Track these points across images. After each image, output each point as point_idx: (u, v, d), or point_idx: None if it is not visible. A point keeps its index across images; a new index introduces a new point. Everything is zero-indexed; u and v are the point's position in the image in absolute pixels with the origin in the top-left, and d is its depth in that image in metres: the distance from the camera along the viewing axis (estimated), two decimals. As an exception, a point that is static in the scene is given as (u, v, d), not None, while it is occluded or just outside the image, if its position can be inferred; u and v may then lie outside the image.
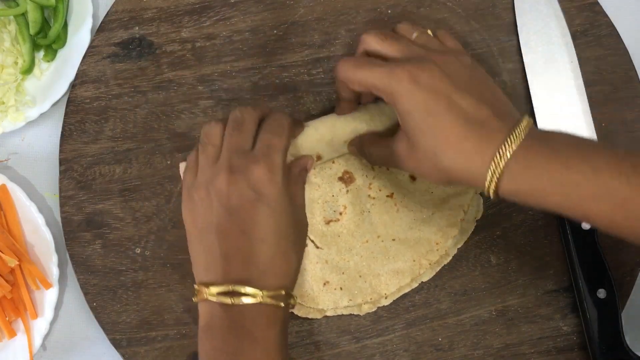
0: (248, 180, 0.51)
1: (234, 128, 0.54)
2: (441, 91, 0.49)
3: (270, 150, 0.52)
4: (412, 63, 0.50)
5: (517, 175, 0.46)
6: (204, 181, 0.52)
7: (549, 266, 0.62)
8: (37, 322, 0.61)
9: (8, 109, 0.64)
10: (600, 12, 0.65)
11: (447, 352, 0.61)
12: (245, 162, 0.51)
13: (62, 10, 0.64)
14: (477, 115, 0.48)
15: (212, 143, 0.54)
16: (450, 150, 0.48)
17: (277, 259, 0.51)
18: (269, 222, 0.51)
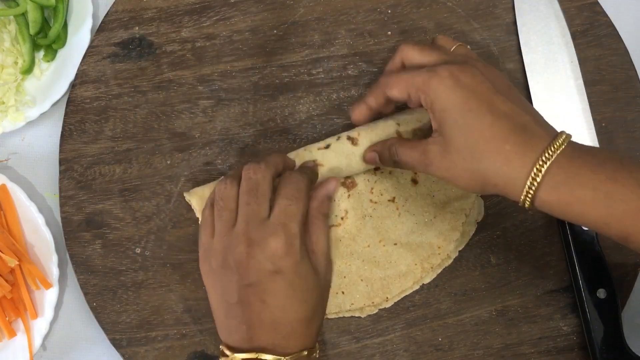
0: (265, 253, 0.50)
1: (248, 194, 0.52)
2: (482, 92, 0.48)
3: (287, 219, 0.51)
4: (453, 64, 0.50)
5: (559, 184, 0.45)
6: (221, 248, 0.52)
7: (549, 266, 0.62)
8: (37, 322, 0.61)
9: (8, 109, 0.64)
10: (600, 12, 0.65)
11: (447, 352, 0.61)
12: (262, 233, 0.50)
13: (62, 10, 0.64)
14: (519, 120, 0.47)
15: (228, 208, 0.52)
16: (489, 150, 0.47)
17: (298, 324, 0.51)
18: (287, 293, 0.50)
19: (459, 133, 0.48)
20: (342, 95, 0.64)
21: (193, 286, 0.61)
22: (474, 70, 0.49)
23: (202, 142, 0.63)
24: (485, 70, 0.50)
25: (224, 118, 0.63)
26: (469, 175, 0.48)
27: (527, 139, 0.47)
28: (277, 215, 0.51)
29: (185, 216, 0.62)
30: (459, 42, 0.55)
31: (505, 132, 0.47)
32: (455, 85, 0.48)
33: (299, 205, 0.52)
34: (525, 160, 0.46)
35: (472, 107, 0.48)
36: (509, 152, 0.47)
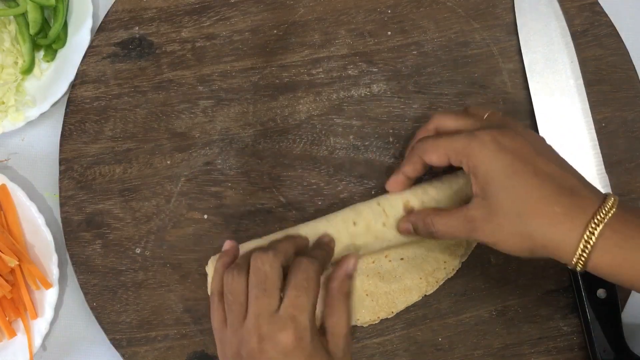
0: (276, 348, 0.49)
1: (257, 287, 0.51)
2: (525, 154, 0.48)
3: (297, 311, 0.50)
4: (495, 129, 0.49)
5: (613, 247, 0.45)
6: (236, 342, 0.51)
7: (549, 266, 0.62)
8: (37, 322, 0.61)
9: (8, 109, 0.64)
10: (600, 12, 0.65)
11: (447, 352, 0.61)
12: (273, 327, 0.49)
13: (62, 10, 0.64)
14: (565, 182, 0.47)
15: (237, 302, 0.51)
16: (538, 212, 0.46)
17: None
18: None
19: (505, 196, 0.47)
20: (342, 95, 0.64)
21: (193, 286, 0.61)
22: (514, 133, 0.49)
23: (202, 142, 0.63)
24: (524, 132, 0.50)
25: (224, 118, 0.63)
26: (517, 239, 0.48)
27: (576, 201, 0.46)
28: (287, 308, 0.50)
29: (185, 216, 0.62)
30: (490, 109, 0.54)
31: (553, 193, 0.46)
32: (498, 149, 0.48)
33: (309, 295, 0.50)
34: (576, 223, 0.46)
35: (517, 170, 0.47)
36: (559, 214, 0.46)
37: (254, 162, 0.63)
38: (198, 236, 0.62)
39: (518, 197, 0.47)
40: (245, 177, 0.63)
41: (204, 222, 0.62)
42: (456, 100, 0.63)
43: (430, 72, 0.64)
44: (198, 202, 0.62)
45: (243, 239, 0.61)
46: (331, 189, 0.62)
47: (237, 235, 0.62)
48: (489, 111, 0.54)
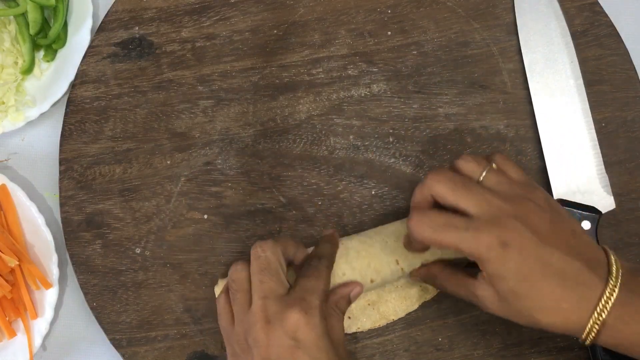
0: (284, 328, 0.48)
1: (261, 272, 0.51)
2: (531, 251, 0.48)
3: (306, 293, 0.50)
4: (496, 226, 0.48)
5: (617, 331, 0.47)
6: (242, 332, 0.50)
7: (549, 266, 0.62)
8: (37, 322, 0.61)
9: (8, 109, 0.64)
10: (600, 12, 0.65)
11: (447, 352, 0.61)
12: (280, 307, 0.49)
13: (62, 10, 0.64)
14: (570, 271, 0.48)
15: (241, 289, 0.52)
16: (547, 311, 0.48)
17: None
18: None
19: (515, 299, 0.48)
20: (342, 95, 0.64)
21: (193, 286, 0.61)
22: (517, 224, 0.48)
23: (202, 142, 0.63)
24: (525, 214, 0.49)
25: (224, 118, 0.63)
26: (530, 325, 0.49)
27: (581, 292, 0.47)
28: (297, 291, 0.50)
29: (185, 216, 0.62)
30: (483, 161, 0.52)
31: (560, 292, 0.47)
32: (505, 254, 0.47)
33: (318, 281, 0.51)
34: (582, 315, 0.47)
35: (525, 275, 0.47)
36: (567, 310, 0.47)
37: (254, 162, 0.63)
38: (198, 236, 0.62)
39: (529, 299, 0.48)
40: (245, 177, 0.63)
41: (204, 222, 0.62)
42: (456, 100, 0.63)
43: (430, 72, 0.64)
44: (198, 202, 0.62)
45: (243, 239, 0.61)
46: (331, 189, 0.62)
47: (237, 235, 0.62)
48: (483, 168, 0.51)
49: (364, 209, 0.62)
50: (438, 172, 0.51)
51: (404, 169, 0.63)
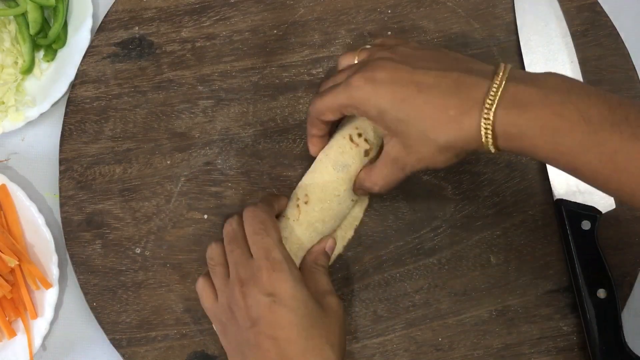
0: (259, 287, 0.50)
1: (230, 243, 0.54)
2: (402, 77, 0.48)
3: (266, 251, 0.52)
4: (362, 67, 0.50)
5: (509, 126, 0.45)
6: (225, 302, 0.52)
7: (549, 266, 0.62)
8: (37, 322, 0.61)
9: (8, 109, 0.64)
10: (600, 12, 0.65)
11: (447, 352, 0.61)
12: (251, 270, 0.51)
13: (62, 10, 0.64)
14: (447, 82, 0.47)
15: (218, 263, 0.54)
16: (438, 125, 0.47)
17: (309, 355, 0.49)
18: (290, 320, 0.49)
19: (405, 126, 0.48)
20: (342, 95, 0.63)
21: (193, 286, 0.61)
22: (382, 61, 0.49)
23: (202, 142, 0.63)
24: (393, 52, 0.50)
25: (224, 118, 0.63)
26: (439, 155, 0.49)
27: (465, 94, 0.46)
28: (256, 251, 0.52)
29: (185, 216, 0.62)
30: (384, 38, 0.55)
31: (441, 100, 0.47)
32: (376, 87, 0.48)
33: (269, 233, 0.53)
34: (472, 116, 0.46)
35: (402, 96, 0.48)
36: (455, 117, 0.46)
37: (254, 162, 0.63)
38: (198, 236, 0.62)
39: (415, 120, 0.48)
40: (245, 177, 0.63)
41: (204, 222, 0.62)
42: (456, 100, 0.63)
43: (430, 72, 0.64)
44: (198, 202, 0.62)
45: (243, 239, 0.61)
46: (331, 189, 0.62)
47: (237, 235, 0.62)
48: (379, 40, 0.55)
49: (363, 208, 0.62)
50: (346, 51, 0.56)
51: (404, 169, 0.63)
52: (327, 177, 0.56)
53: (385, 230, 0.62)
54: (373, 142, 0.57)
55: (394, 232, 0.62)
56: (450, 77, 0.47)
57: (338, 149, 0.57)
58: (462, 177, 0.63)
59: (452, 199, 0.62)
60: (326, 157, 0.57)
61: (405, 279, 0.62)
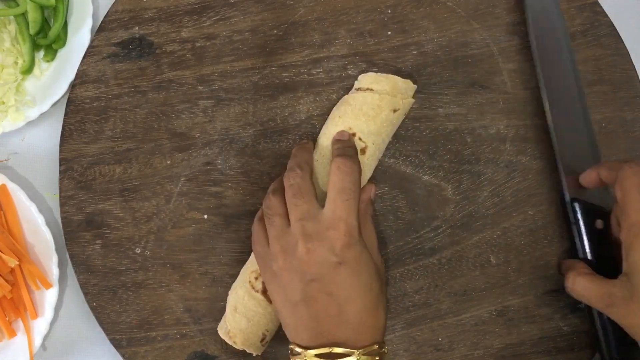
0: (326, 246, 0.51)
1: (294, 196, 0.53)
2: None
3: (346, 213, 0.51)
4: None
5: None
6: (279, 251, 0.52)
7: (549, 266, 0.62)
8: (37, 322, 0.61)
9: (8, 109, 0.64)
10: (600, 12, 0.65)
11: (447, 352, 0.61)
12: (320, 228, 0.51)
13: (62, 10, 0.64)
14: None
15: (277, 214, 0.53)
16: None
17: (365, 315, 0.51)
18: (352, 282, 0.51)
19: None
20: (342, 95, 0.63)
21: (193, 286, 0.61)
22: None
23: (202, 142, 0.63)
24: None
25: (224, 118, 0.63)
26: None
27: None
28: (334, 210, 0.52)
29: (185, 216, 0.62)
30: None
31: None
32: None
33: (355, 198, 0.52)
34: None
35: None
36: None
37: (254, 162, 0.63)
38: (198, 236, 0.62)
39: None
40: (245, 177, 0.63)
41: (204, 222, 0.62)
42: (456, 100, 0.63)
43: (430, 72, 0.64)
44: (198, 202, 0.62)
45: (243, 239, 0.61)
46: (331, 189, 0.62)
47: (237, 235, 0.62)
48: None
49: (364, 209, 0.62)
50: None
51: (403, 169, 0.63)
52: (327, 179, 0.56)
53: (385, 230, 0.62)
54: (368, 139, 0.57)
55: (394, 232, 0.62)
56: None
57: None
58: (462, 177, 0.63)
59: (452, 199, 0.63)
60: (322, 157, 0.57)
61: (405, 279, 0.62)
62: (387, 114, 0.58)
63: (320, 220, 0.51)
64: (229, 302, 0.58)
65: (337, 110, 0.60)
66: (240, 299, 0.57)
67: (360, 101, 0.58)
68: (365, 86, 0.59)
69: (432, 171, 0.63)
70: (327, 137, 0.59)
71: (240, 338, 0.56)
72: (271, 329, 0.57)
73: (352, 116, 0.58)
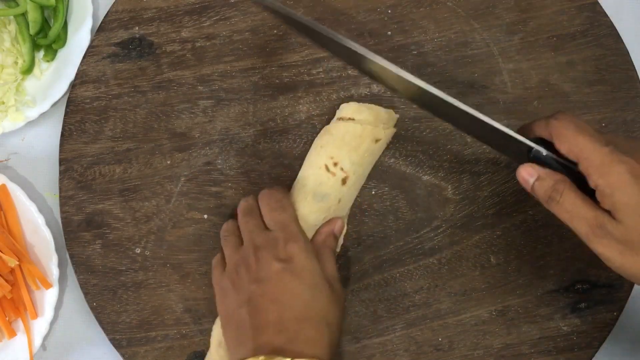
0: (273, 253, 0.53)
1: (245, 215, 0.57)
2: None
3: (283, 225, 0.55)
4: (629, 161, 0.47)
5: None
6: (232, 267, 0.55)
7: (549, 266, 0.62)
8: (37, 322, 0.61)
9: (8, 109, 0.64)
10: (600, 12, 0.65)
11: (447, 352, 0.61)
12: (266, 237, 0.54)
13: (62, 10, 0.64)
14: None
15: (231, 234, 0.57)
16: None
17: (305, 325, 0.51)
18: (295, 287, 0.52)
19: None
20: (342, 95, 0.64)
21: (193, 286, 0.61)
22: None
23: (202, 142, 0.63)
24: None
25: (224, 118, 0.63)
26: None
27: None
28: (274, 225, 0.55)
29: (185, 216, 0.62)
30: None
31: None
32: (636, 181, 0.46)
33: (286, 211, 0.56)
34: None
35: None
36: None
37: (254, 162, 0.63)
38: (198, 236, 0.62)
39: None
40: (245, 177, 0.63)
41: (204, 222, 0.62)
42: (456, 100, 0.63)
43: (430, 72, 0.64)
44: (198, 202, 0.62)
45: (243, 239, 0.61)
46: (331, 189, 0.62)
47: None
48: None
49: (364, 208, 0.62)
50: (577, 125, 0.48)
51: (404, 169, 0.63)
52: (307, 209, 0.58)
53: (385, 230, 0.62)
54: (349, 169, 0.58)
55: (394, 232, 0.62)
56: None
57: (315, 180, 0.58)
58: (462, 177, 0.63)
59: (452, 199, 0.63)
60: (303, 187, 0.58)
61: (405, 279, 0.62)
62: (368, 144, 0.58)
63: (266, 232, 0.55)
64: (213, 337, 0.59)
65: (319, 139, 0.60)
66: None
67: (343, 131, 0.59)
68: (347, 116, 0.59)
69: (432, 171, 0.63)
70: (307, 166, 0.59)
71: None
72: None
73: (334, 146, 0.58)
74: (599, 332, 0.61)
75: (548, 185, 0.49)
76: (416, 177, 0.63)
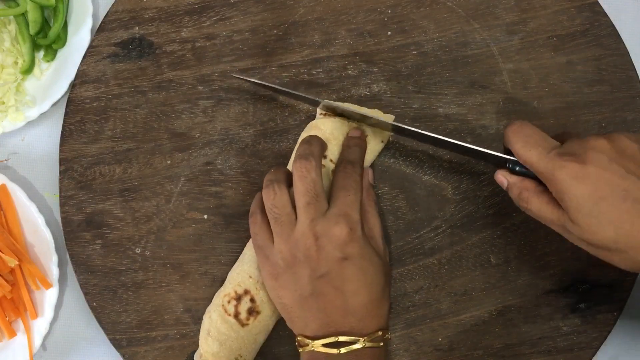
0: (332, 243, 0.53)
1: (307, 194, 0.54)
2: (610, 177, 0.47)
3: (348, 208, 0.54)
4: (576, 154, 0.49)
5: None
6: (287, 248, 0.54)
7: (549, 266, 0.62)
8: (37, 322, 0.61)
9: (8, 109, 0.64)
10: (600, 12, 0.65)
11: (447, 352, 0.61)
12: (327, 225, 0.53)
13: (62, 10, 0.64)
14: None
15: (285, 212, 0.54)
16: (633, 237, 0.47)
17: (371, 306, 0.53)
18: (358, 276, 0.53)
19: (597, 223, 0.47)
20: (342, 95, 0.64)
21: (193, 286, 0.61)
22: (600, 156, 0.48)
23: (202, 142, 0.63)
24: (612, 150, 0.49)
25: (224, 118, 0.63)
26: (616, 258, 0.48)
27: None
28: (339, 206, 0.54)
29: (185, 216, 0.62)
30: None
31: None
32: (583, 176, 0.48)
33: (357, 194, 0.55)
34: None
35: (604, 195, 0.47)
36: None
37: (254, 162, 0.63)
38: (198, 236, 0.62)
39: (609, 225, 0.47)
40: (245, 177, 0.63)
41: (204, 222, 0.62)
42: (456, 100, 0.63)
43: (430, 72, 0.64)
44: (198, 202, 0.62)
45: (243, 239, 0.61)
46: (331, 189, 0.62)
47: (237, 235, 0.62)
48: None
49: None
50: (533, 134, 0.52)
51: (404, 169, 0.63)
52: None
53: (385, 230, 0.62)
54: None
55: (394, 232, 0.62)
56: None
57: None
58: (462, 177, 0.63)
59: (452, 199, 0.63)
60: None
61: (405, 279, 0.62)
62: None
63: (327, 217, 0.53)
64: (203, 326, 0.58)
65: (305, 134, 0.60)
66: (214, 322, 0.57)
67: (331, 126, 0.59)
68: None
69: (432, 171, 0.63)
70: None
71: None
72: (245, 354, 0.57)
73: (323, 139, 0.59)
74: (599, 332, 0.61)
75: (515, 193, 0.54)
76: (416, 177, 0.63)
